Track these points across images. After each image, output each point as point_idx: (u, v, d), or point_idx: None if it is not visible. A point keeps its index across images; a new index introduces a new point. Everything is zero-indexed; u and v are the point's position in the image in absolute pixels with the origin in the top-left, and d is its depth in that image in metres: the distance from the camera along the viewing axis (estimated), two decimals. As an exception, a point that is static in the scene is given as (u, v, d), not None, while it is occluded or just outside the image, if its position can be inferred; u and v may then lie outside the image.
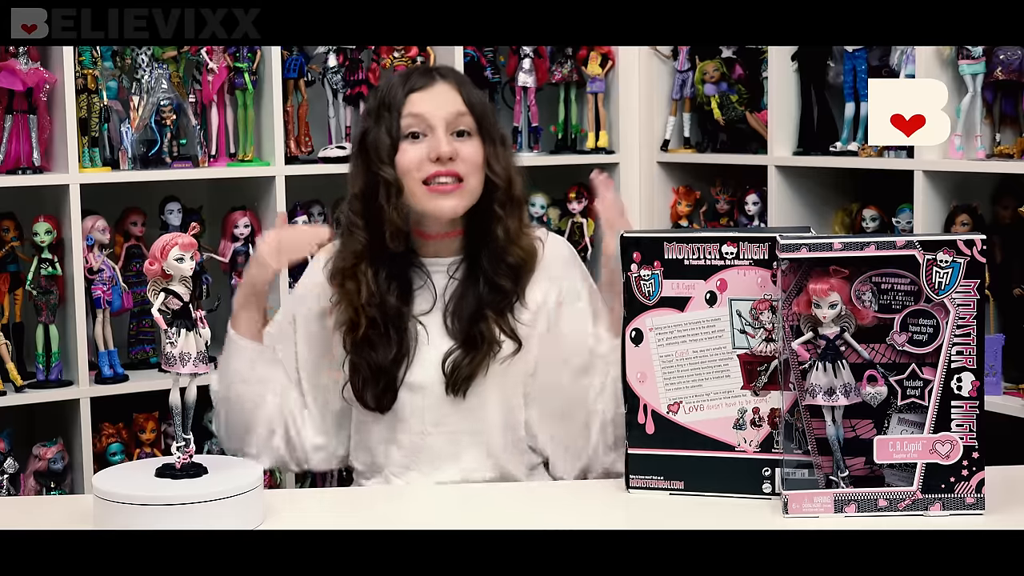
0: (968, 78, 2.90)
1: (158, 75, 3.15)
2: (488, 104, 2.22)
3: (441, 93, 2.14)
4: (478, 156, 2.13)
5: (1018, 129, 2.98)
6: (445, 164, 2.10)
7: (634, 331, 1.90)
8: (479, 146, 2.13)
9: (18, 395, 3.01)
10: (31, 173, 3.00)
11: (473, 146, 2.13)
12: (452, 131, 2.12)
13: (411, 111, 2.12)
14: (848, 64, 3.20)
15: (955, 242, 1.74)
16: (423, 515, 1.89)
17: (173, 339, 1.77)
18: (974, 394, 1.75)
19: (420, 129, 2.12)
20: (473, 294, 2.14)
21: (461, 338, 2.13)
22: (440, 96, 2.13)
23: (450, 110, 2.12)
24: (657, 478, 1.91)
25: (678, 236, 1.89)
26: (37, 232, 2.99)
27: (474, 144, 2.13)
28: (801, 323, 1.77)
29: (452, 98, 2.14)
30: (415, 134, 2.12)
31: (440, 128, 2.11)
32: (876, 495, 1.78)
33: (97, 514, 1.75)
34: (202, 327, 1.78)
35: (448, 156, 2.09)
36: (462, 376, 2.11)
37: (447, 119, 2.12)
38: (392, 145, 2.12)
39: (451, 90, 2.14)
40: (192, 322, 1.77)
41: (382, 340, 2.13)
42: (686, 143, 3.65)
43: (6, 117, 2.99)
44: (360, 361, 2.13)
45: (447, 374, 2.12)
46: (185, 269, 1.76)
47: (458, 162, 2.11)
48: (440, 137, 2.11)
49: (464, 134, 2.13)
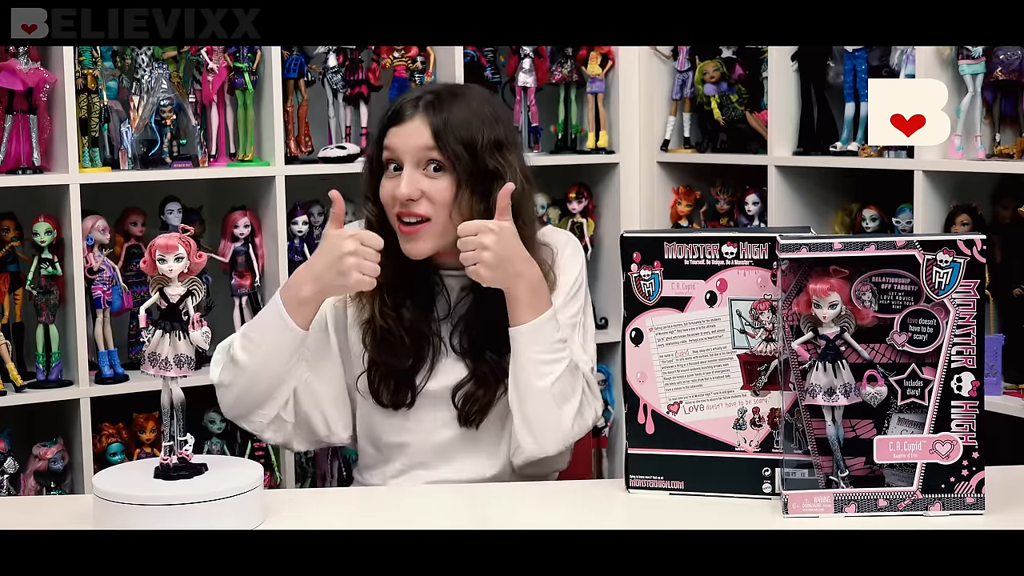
0: (968, 78, 2.90)
1: (158, 75, 3.15)
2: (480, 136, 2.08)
3: (413, 127, 2.08)
4: (447, 193, 2.06)
5: (1018, 129, 2.98)
6: (407, 205, 2.06)
7: (634, 331, 1.90)
8: (450, 184, 2.07)
9: (18, 395, 3.00)
10: (31, 173, 2.99)
11: (443, 184, 2.07)
12: (425, 167, 2.07)
13: (387, 144, 2.10)
14: (848, 64, 3.20)
15: (955, 242, 1.74)
16: (423, 515, 1.89)
17: (147, 339, 1.77)
18: (974, 394, 1.75)
19: (396, 163, 2.09)
20: (485, 317, 2.11)
21: (471, 368, 2.11)
22: (412, 130, 2.08)
23: (418, 145, 2.06)
24: (657, 478, 1.91)
25: (678, 236, 1.89)
26: (37, 232, 2.99)
27: (444, 181, 2.07)
28: (801, 323, 1.77)
29: (423, 133, 2.07)
30: (395, 167, 2.09)
31: (408, 164, 2.07)
32: (876, 495, 1.78)
33: (97, 514, 1.75)
34: (195, 330, 1.76)
35: (407, 197, 2.05)
36: (474, 410, 2.11)
37: (415, 155, 2.07)
38: (372, 179, 2.12)
39: (423, 124, 2.07)
40: (175, 325, 1.76)
41: (400, 345, 2.12)
42: (686, 143, 3.65)
43: (6, 117, 2.99)
44: (379, 360, 2.13)
45: (458, 407, 2.12)
46: (165, 270, 1.75)
47: (423, 202, 2.06)
48: (404, 176, 2.07)
49: (439, 169, 2.07)
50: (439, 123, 2.06)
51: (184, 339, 1.76)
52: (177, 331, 1.76)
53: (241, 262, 3.21)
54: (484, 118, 2.10)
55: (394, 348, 2.12)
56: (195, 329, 1.76)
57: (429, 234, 2.07)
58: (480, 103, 2.13)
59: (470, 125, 2.08)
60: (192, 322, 1.76)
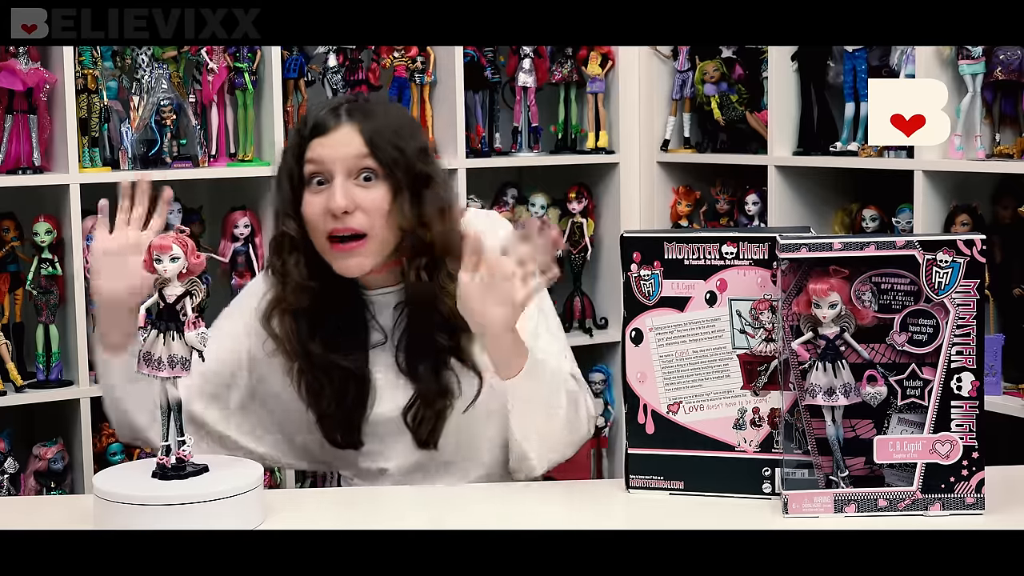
0: (968, 78, 2.90)
1: (158, 75, 3.15)
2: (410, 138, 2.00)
3: (342, 136, 1.96)
4: (383, 203, 1.95)
5: (1018, 129, 2.99)
6: (342, 219, 1.93)
7: (634, 331, 1.90)
8: (386, 192, 1.95)
9: (18, 395, 3.01)
10: (31, 173, 3.00)
11: (378, 192, 1.95)
12: (356, 176, 1.95)
13: (311, 157, 1.97)
14: (848, 64, 3.21)
15: (955, 242, 1.74)
16: (423, 515, 1.89)
17: (143, 338, 1.76)
18: (974, 394, 1.75)
19: (322, 176, 1.96)
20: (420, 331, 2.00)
21: (416, 389, 2.01)
22: (341, 139, 1.96)
23: (350, 153, 1.95)
24: (657, 478, 1.91)
25: (678, 236, 1.89)
26: (37, 232, 2.99)
27: (380, 190, 1.95)
28: (801, 323, 1.77)
29: (354, 140, 1.95)
30: (320, 180, 1.96)
31: (339, 176, 1.95)
32: (876, 495, 1.77)
33: (97, 514, 1.75)
34: (190, 331, 1.74)
35: (343, 209, 1.92)
36: (428, 430, 2.02)
37: (347, 165, 1.95)
38: (294, 195, 1.98)
39: (354, 131, 1.96)
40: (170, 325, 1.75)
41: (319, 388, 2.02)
42: (686, 143, 3.65)
43: (6, 117, 2.99)
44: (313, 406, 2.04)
45: (411, 429, 2.02)
46: (161, 270, 1.75)
47: (357, 214, 1.94)
48: (336, 187, 1.94)
49: (370, 178, 1.96)
50: (370, 130, 1.96)
51: (179, 340, 1.75)
52: (172, 331, 1.75)
53: (241, 262, 3.22)
54: (406, 124, 2.05)
55: (315, 390, 2.02)
56: (191, 330, 1.75)
57: (367, 250, 1.96)
58: (398, 111, 2.06)
59: (399, 131, 1.99)
60: (188, 323, 1.75)
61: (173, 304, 1.75)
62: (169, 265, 1.74)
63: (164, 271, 1.74)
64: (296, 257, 1.99)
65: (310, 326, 2.00)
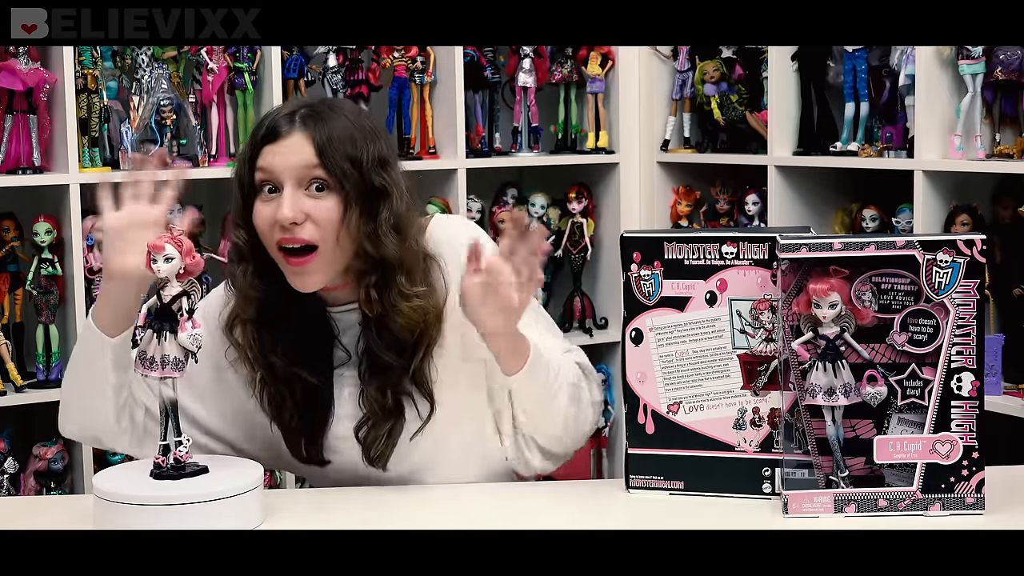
0: (968, 78, 2.90)
1: (158, 75, 3.15)
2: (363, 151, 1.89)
3: (293, 144, 1.87)
4: (333, 215, 1.86)
5: (1018, 129, 2.98)
6: (291, 230, 1.85)
7: (634, 331, 1.90)
8: (337, 203, 1.87)
9: (18, 395, 3.01)
10: (31, 173, 3.00)
11: (329, 204, 1.86)
12: (307, 187, 1.87)
13: (261, 164, 1.88)
14: (848, 64, 3.21)
15: (955, 242, 1.74)
16: (422, 515, 1.89)
17: (140, 338, 1.76)
18: (974, 394, 1.75)
19: (273, 184, 1.88)
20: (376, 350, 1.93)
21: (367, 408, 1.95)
22: (292, 147, 1.87)
23: (299, 163, 1.86)
24: (657, 478, 1.91)
25: (678, 236, 1.89)
26: (37, 232, 2.99)
27: (330, 201, 1.86)
28: (801, 323, 1.77)
29: (304, 149, 1.87)
30: (271, 188, 1.88)
31: (289, 185, 1.86)
32: (876, 495, 1.77)
33: (97, 514, 1.74)
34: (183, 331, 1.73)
35: (290, 220, 1.84)
36: (377, 450, 1.96)
37: (296, 175, 1.86)
38: (244, 203, 1.91)
39: (305, 140, 1.87)
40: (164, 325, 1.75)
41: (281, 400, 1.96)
42: (686, 143, 3.65)
43: (6, 117, 2.99)
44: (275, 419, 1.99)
45: (362, 444, 1.98)
46: (156, 269, 1.74)
47: (307, 225, 1.86)
48: (285, 197, 1.86)
49: (322, 188, 1.87)
50: (322, 138, 1.87)
51: (172, 340, 1.75)
52: (165, 332, 1.75)
53: (241, 262, 3.21)
54: (365, 132, 1.91)
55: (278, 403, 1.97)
56: (184, 331, 1.74)
57: (319, 264, 1.87)
58: (358, 116, 1.96)
59: (354, 140, 1.88)
60: (182, 323, 1.74)
61: (168, 304, 1.75)
62: (163, 265, 1.74)
63: (159, 271, 1.74)
64: (244, 266, 1.93)
65: (272, 337, 1.95)
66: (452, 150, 3.42)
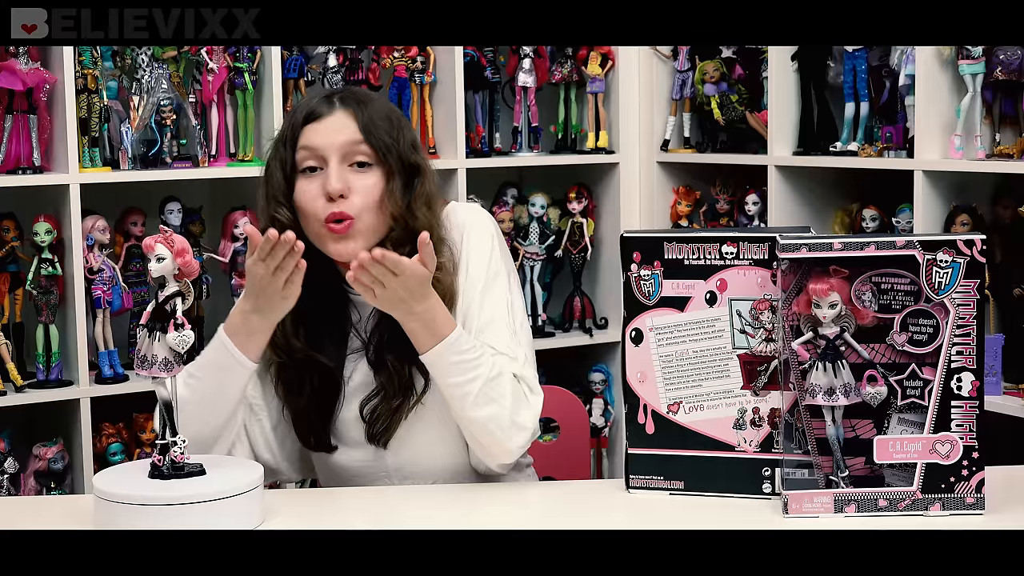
0: (968, 78, 2.90)
1: (158, 75, 3.15)
2: (399, 129, 2.01)
3: (337, 122, 1.98)
4: (375, 190, 1.96)
5: (1018, 129, 2.98)
6: (337, 203, 1.94)
7: (634, 331, 1.90)
8: (378, 179, 1.97)
9: (18, 395, 3.01)
10: (31, 173, 3.00)
11: (371, 179, 1.97)
12: (350, 162, 1.97)
13: (305, 143, 1.98)
14: (848, 64, 3.20)
15: (955, 242, 1.74)
16: (422, 515, 1.89)
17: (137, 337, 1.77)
18: (974, 394, 1.75)
19: (316, 163, 1.97)
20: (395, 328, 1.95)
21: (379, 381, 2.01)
22: (335, 125, 1.98)
23: (344, 139, 1.97)
24: (657, 478, 1.91)
25: (678, 236, 1.89)
26: (37, 232, 2.99)
27: (373, 176, 1.97)
28: (801, 323, 1.77)
29: (348, 126, 1.98)
30: (312, 168, 1.97)
31: (334, 160, 1.96)
32: (876, 495, 1.78)
33: (97, 514, 1.75)
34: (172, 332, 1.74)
35: (338, 192, 1.94)
36: (381, 426, 2.01)
37: (342, 149, 1.96)
38: (287, 183, 1.99)
39: (348, 118, 1.98)
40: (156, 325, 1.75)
41: (298, 385, 2.02)
42: (686, 143, 3.65)
43: (6, 117, 2.99)
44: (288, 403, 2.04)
45: (366, 422, 2.03)
46: (148, 269, 1.76)
47: (352, 198, 1.95)
48: (331, 171, 1.95)
49: (364, 165, 1.97)
50: (364, 117, 1.98)
51: (162, 340, 1.75)
52: (156, 332, 1.75)
53: (241, 262, 3.21)
54: (398, 117, 2.05)
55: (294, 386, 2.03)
56: (172, 331, 1.74)
57: (358, 232, 1.96)
58: (388, 104, 2.07)
59: (390, 121, 2.01)
60: (171, 324, 1.75)
61: (162, 304, 1.75)
62: (155, 265, 1.75)
63: (151, 271, 1.75)
64: None
65: (294, 320, 1.99)
66: (452, 150, 3.42)
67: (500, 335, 2.01)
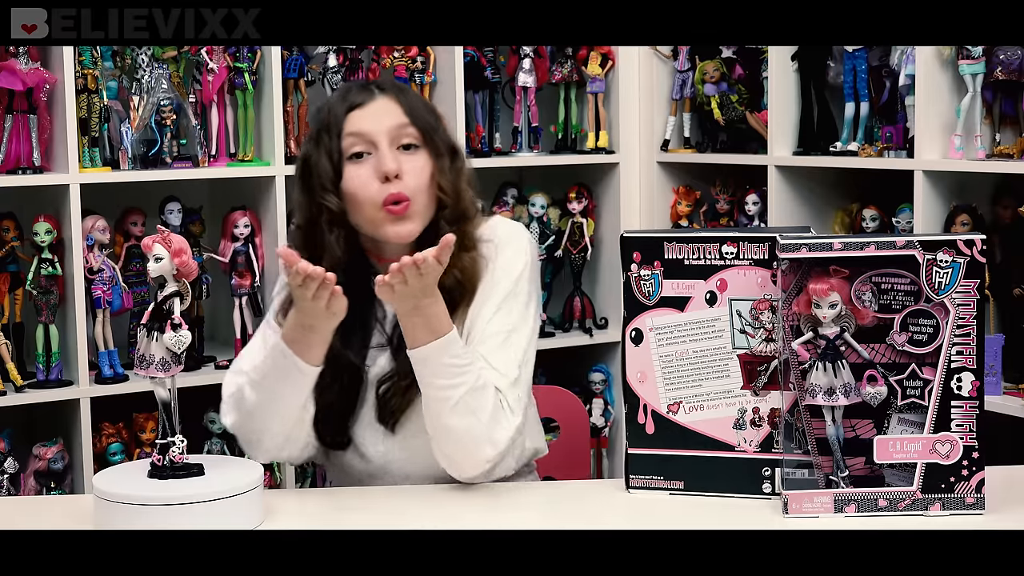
0: (968, 78, 2.90)
1: (158, 75, 3.15)
2: (435, 114, 2.10)
3: (381, 107, 2.03)
4: (425, 171, 2.01)
5: (1018, 129, 2.98)
6: (392, 183, 1.98)
7: (634, 331, 1.90)
8: (427, 160, 2.03)
9: (18, 395, 3.00)
10: (31, 173, 3.00)
11: (420, 160, 2.02)
12: (397, 145, 2.02)
13: (352, 130, 2.01)
14: (848, 64, 3.20)
15: (955, 242, 1.74)
16: (423, 515, 1.89)
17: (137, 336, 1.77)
18: (974, 394, 1.75)
19: (364, 147, 2.01)
20: None
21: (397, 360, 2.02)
22: (381, 110, 2.03)
23: (392, 123, 2.02)
24: (657, 478, 1.91)
25: (678, 236, 1.89)
26: (37, 232, 2.99)
27: (421, 157, 2.02)
28: (801, 323, 1.77)
29: (393, 111, 2.03)
30: (359, 154, 2.01)
31: (384, 143, 2.00)
32: (876, 495, 1.78)
33: (97, 514, 1.75)
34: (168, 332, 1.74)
35: (394, 172, 1.98)
36: (392, 408, 2.03)
37: (390, 133, 2.01)
38: (334, 170, 2.01)
39: (392, 103, 2.04)
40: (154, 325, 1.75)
41: (326, 381, 2.01)
42: (686, 143, 3.65)
43: (6, 117, 2.99)
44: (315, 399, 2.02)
45: (379, 400, 2.04)
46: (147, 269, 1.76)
47: (405, 179, 1.99)
48: (383, 153, 1.99)
49: (411, 147, 2.02)
50: (407, 101, 2.05)
51: (159, 340, 1.75)
52: (154, 332, 1.75)
53: (241, 262, 3.21)
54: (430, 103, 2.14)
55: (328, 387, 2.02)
56: (169, 331, 1.74)
57: (416, 213, 2.00)
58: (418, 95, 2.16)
59: (426, 106, 2.10)
60: (168, 324, 1.75)
61: (160, 304, 1.75)
62: (153, 265, 1.75)
63: (149, 270, 1.75)
64: (337, 233, 2.01)
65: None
66: (452, 150, 3.41)
67: (498, 350, 2.00)
